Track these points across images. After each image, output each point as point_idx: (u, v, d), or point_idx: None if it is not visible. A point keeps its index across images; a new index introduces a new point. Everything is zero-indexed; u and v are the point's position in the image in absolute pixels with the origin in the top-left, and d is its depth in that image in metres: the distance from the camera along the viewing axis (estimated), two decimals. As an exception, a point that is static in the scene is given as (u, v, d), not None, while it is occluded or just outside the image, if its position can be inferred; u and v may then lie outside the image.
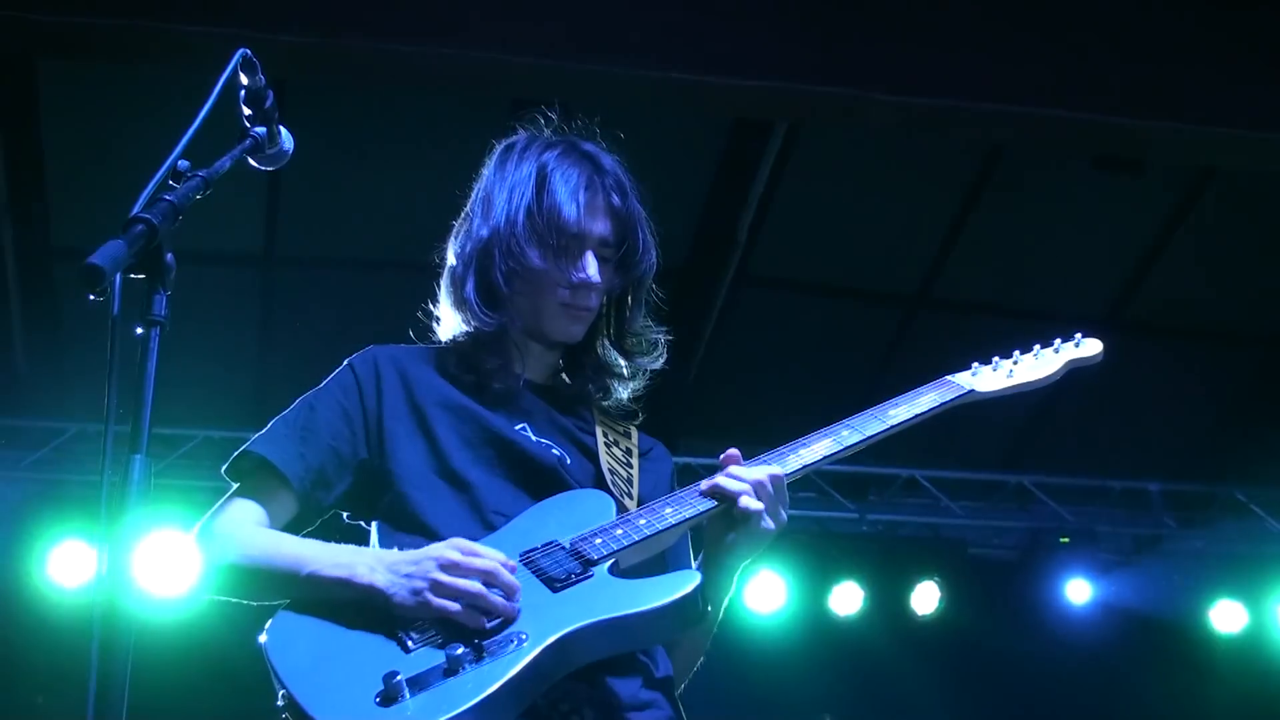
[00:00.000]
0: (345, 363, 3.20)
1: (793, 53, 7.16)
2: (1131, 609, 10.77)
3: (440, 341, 3.28)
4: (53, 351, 9.41)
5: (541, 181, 3.20)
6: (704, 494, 2.96)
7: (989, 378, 3.28)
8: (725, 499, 2.93)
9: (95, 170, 8.28)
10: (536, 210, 3.17)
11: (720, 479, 2.95)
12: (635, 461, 3.24)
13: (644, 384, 3.33)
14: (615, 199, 3.23)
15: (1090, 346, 3.39)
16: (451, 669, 2.64)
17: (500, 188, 3.24)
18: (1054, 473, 10.67)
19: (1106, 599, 10.69)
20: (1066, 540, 10.60)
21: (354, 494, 3.10)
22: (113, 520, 2.25)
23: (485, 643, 2.68)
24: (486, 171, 3.31)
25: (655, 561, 3.04)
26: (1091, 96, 7.32)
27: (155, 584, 8.66)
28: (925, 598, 10.28)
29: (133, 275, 2.31)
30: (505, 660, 2.65)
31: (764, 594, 9.77)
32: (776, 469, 2.97)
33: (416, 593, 2.74)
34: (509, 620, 2.73)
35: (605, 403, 3.30)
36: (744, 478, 2.93)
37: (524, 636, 2.69)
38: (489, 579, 2.74)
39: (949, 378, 3.25)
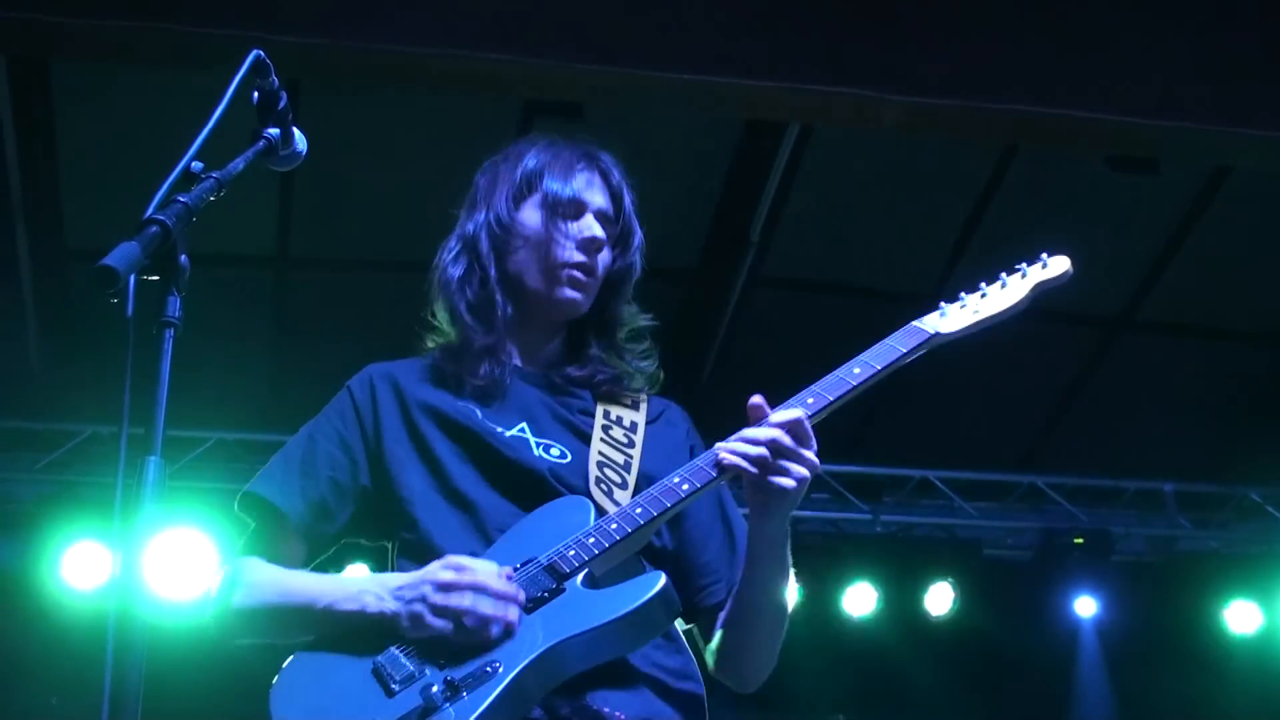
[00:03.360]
0: (344, 387, 3.20)
1: (804, 54, 7.15)
2: (1145, 610, 10.75)
3: (433, 349, 3.25)
4: (67, 354, 9.42)
5: (537, 162, 3.23)
6: (717, 465, 2.89)
7: (955, 316, 3.18)
8: (738, 470, 2.87)
9: (109, 172, 8.29)
10: (533, 181, 3.20)
11: (730, 448, 2.88)
12: (639, 437, 3.17)
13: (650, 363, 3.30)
14: (614, 175, 3.26)
15: (1057, 264, 3.26)
16: (429, 708, 2.67)
17: (488, 182, 3.27)
18: (1068, 474, 10.66)
19: (1121, 600, 10.66)
20: (1081, 541, 10.58)
21: (360, 520, 3.11)
22: (128, 522, 2.25)
23: (459, 677, 2.71)
24: (476, 177, 3.33)
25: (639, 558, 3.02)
26: (1105, 96, 7.30)
27: (169, 587, 8.68)
28: (939, 599, 10.27)
29: (147, 277, 2.31)
30: (480, 692, 2.68)
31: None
32: (798, 412, 2.90)
33: (415, 615, 2.76)
34: (488, 648, 2.74)
35: (616, 396, 3.24)
36: (760, 439, 2.86)
37: (497, 665, 2.71)
38: (481, 591, 2.74)
39: (914, 323, 3.17)
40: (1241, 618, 10.60)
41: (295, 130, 2.75)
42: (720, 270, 9.34)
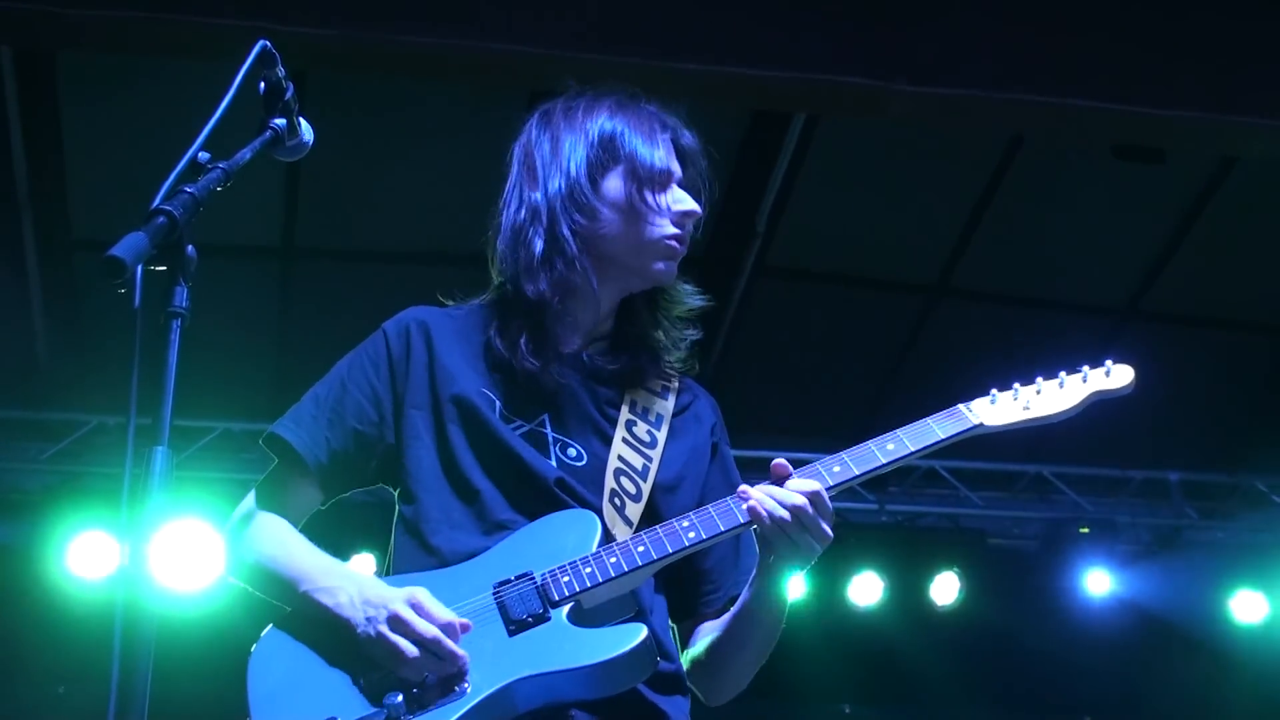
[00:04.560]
0: (380, 329, 3.16)
1: (811, 43, 7.14)
2: (1151, 599, 10.74)
3: (477, 304, 3.20)
4: (73, 344, 9.44)
5: (614, 126, 3.17)
6: (729, 519, 2.89)
7: (1004, 408, 3.06)
8: (760, 523, 2.86)
9: (116, 163, 8.30)
10: (614, 147, 3.13)
11: (754, 505, 2.86)
12: (662, 434, 3.12)
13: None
14: (686, 138, 3.26)
15: (1120, 375, 3.14)
16: (392, 717, 2.71)
17: (551, 145, 3.17)
18: (1073, 463, 10.65)
19: (1126, 589, 10.66)
20: (1086, 530, 10.57)
21: (382, 472, 3.11)
22: (135, 512, 2.25)
23: (426, 691, 2.74)
24: (527, 135, 3.23)
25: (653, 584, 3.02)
26: (1112, 85, 7.29)
27: (176, 577, 8.70)
28: (945, 588, 10.27)
29: (154, 267, 2.31)
30: (443, 710, 2.71)
31: (783, 585, 9.75)
32: (817, 484, 2.87)
33: (370, 638, 2.79)
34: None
35: (646, 383, 3.18)
36: (785, 502, 2.84)
37: (465, 686, 2.73)
38: (429, 646, 2.75)
39: (960, 407, 3.07)
40: (1247, 607, 10.60)
41: (301, 121, 2.76)
42: (726, 260, 9.34)
